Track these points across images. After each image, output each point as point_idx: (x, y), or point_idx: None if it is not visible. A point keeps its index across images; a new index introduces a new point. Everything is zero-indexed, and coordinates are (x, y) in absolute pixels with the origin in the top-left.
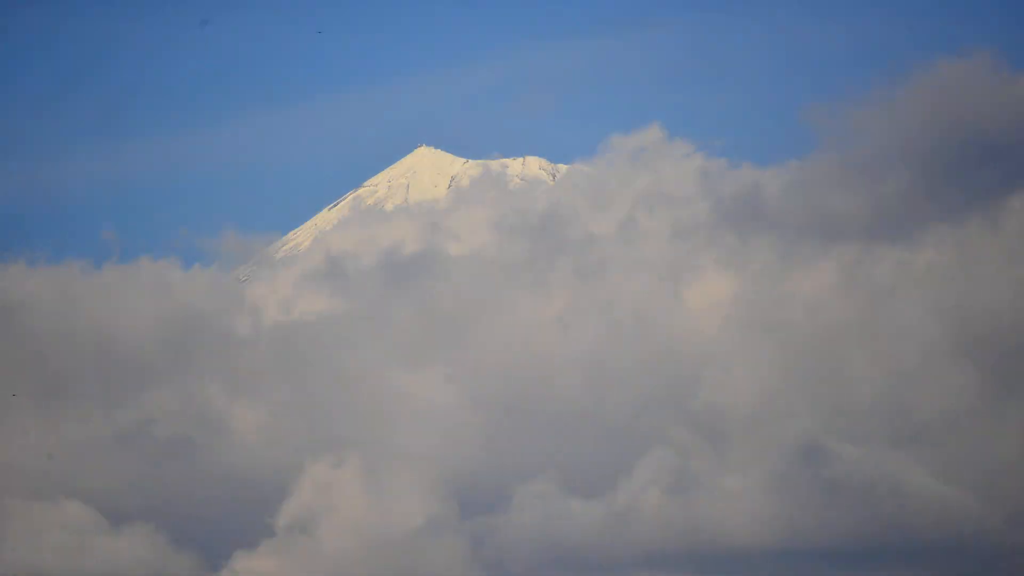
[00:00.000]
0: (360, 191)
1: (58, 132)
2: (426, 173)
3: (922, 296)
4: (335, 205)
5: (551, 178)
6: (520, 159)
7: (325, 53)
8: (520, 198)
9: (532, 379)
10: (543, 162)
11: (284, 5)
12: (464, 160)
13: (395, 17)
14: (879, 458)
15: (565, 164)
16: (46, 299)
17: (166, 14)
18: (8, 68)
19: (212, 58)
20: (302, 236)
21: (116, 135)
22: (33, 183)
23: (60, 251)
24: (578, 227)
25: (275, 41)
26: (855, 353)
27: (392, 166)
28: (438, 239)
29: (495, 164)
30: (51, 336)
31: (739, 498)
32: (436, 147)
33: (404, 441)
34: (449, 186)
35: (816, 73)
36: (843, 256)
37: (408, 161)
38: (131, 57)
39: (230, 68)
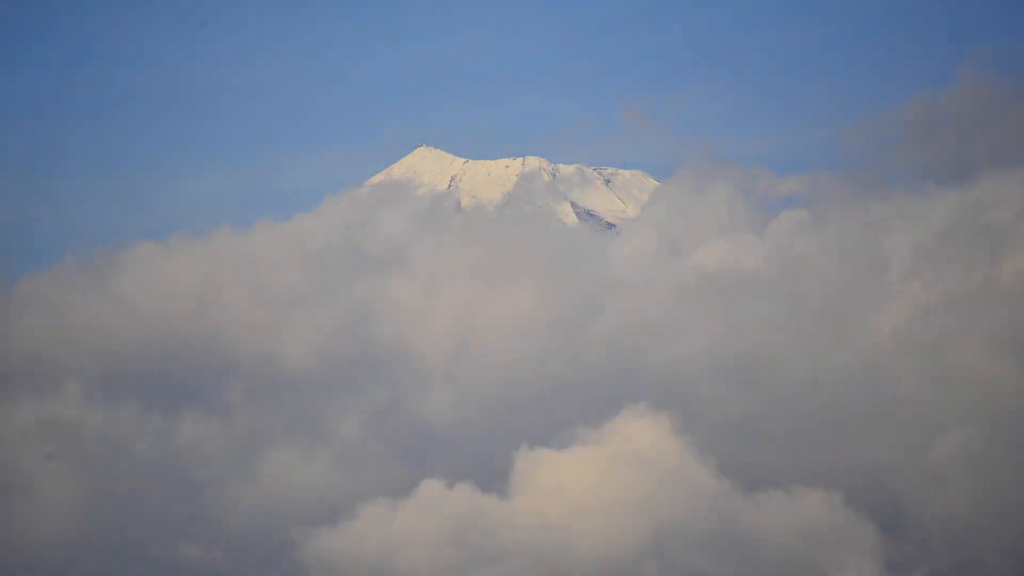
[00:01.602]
0: (360, 191)
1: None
2: (426, 173)
3: None
4: None
5: (551, 178)
6: (520, 159)
7: (325, 52)
8: None
9: None
10: (543, 162)
11: (284, 5)
12: (464, 160)
13: (396, 17)
14: None
15: (566, 164)
16: None
17: (164, 14)
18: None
19: (211, 58)
20: None
21: (115, 136)
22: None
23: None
24: None
25: (275, 41)
26: None
27: (392, 166)
28: None
29: (495, 164)
30: None
31: None
32: (436, 147)
33: None
34: (449, 186)
35: None
36: None
37: (408, 161)
38: (130, 57)
39: (230, 67)
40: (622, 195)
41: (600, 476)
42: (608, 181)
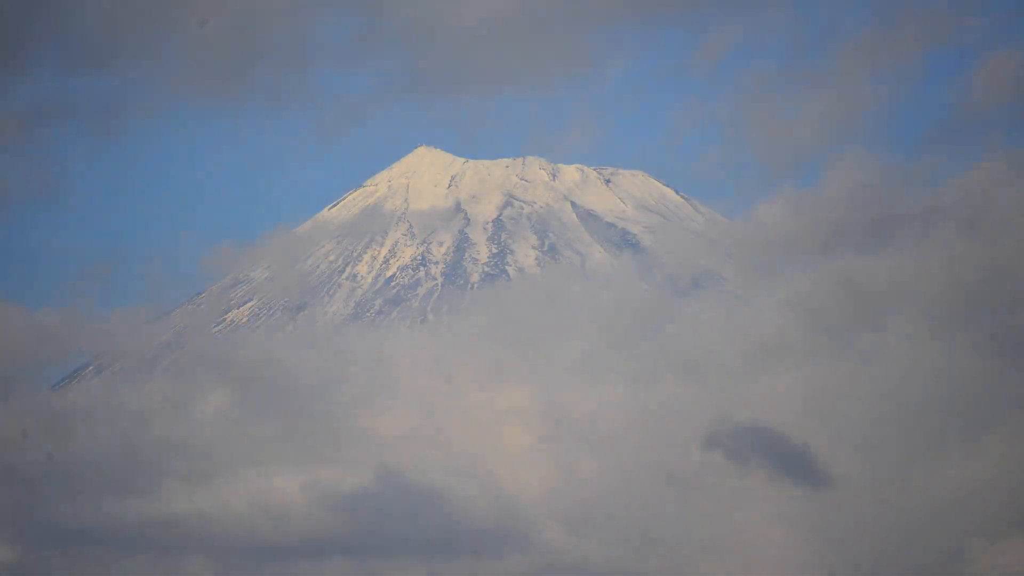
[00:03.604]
0: (360, 191)
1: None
2: (426, 173)
3: None
4: (335, 205)
5: (551, 178)
6: (520, 159)
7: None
8: None
9: None
10: (543, 162)
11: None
12: (464, 160)
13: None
14: None
15: (565, 164)
16: None
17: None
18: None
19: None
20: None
21: (110, 135)
22: None
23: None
24: None
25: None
26: None
27: (392, 166)
28: None
29: (495, 164)
30: None
31: None
32: (436, 147)
33: None
34: (449, 186)
35: None
36: None
37: (408, 161)
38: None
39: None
40: (622, 195)
41: None
42: (608, 181)
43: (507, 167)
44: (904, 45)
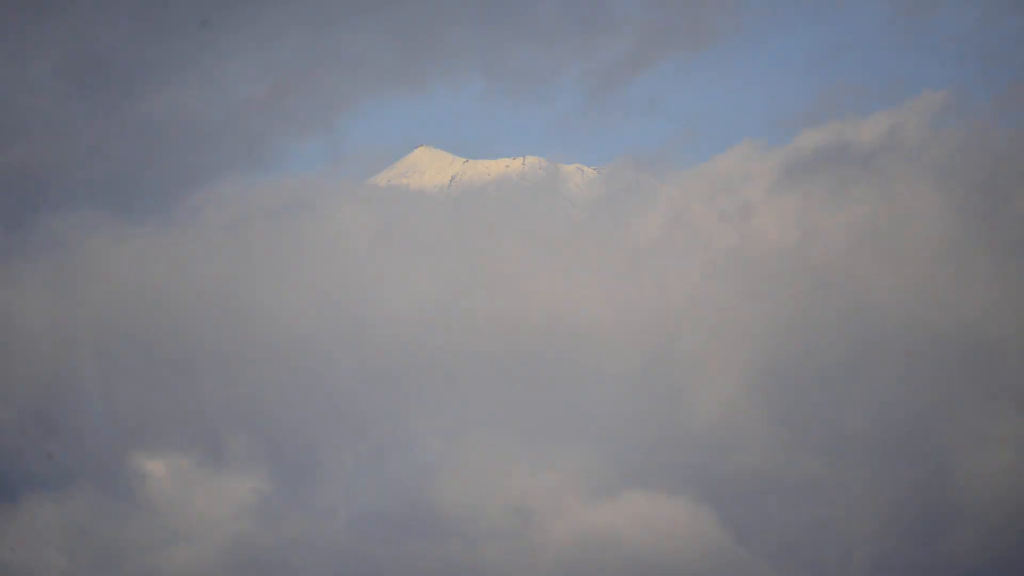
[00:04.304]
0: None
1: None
2: (426, 173)
3: None
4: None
5: (551, 178)
6: (520, 159)
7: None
8: None
9: None
10: (543, 161)
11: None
12: (464, 160)
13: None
14: None
15: (565, 164)
16: None
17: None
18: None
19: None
20: None
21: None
22: None
23: None
24: None
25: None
26: None
27: (392, 166)
28: None
29: (495, 164)
30: None
31: None
32: (436, 147)
33: None
34: (449, 185)
35: None
36: None
37: (408, 161)
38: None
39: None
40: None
41: None
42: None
43: (507, 167)
44: None
